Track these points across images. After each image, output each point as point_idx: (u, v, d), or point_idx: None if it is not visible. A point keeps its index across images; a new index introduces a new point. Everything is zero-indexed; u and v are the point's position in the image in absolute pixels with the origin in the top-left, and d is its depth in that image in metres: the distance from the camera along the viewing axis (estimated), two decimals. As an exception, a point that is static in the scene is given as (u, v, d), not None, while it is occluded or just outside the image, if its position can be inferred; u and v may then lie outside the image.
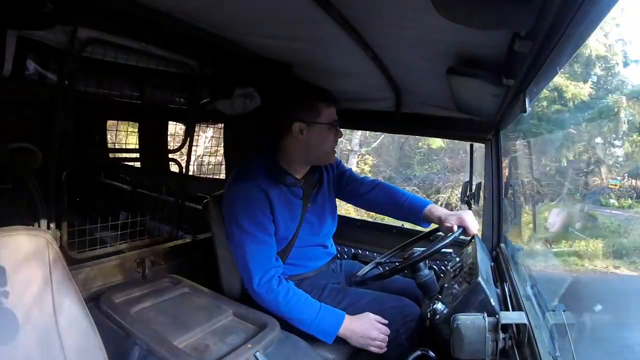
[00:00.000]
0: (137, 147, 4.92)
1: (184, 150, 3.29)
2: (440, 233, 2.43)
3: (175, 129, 4.59)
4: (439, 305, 1.84)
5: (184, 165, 3.33)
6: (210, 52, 2.69)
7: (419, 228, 2.59)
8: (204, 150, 5.34)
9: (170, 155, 3.45)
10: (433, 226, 2.45)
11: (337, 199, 2.66)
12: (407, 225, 2.82)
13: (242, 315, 2.02)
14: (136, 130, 5.00)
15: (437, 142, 16.61)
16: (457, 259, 2.26)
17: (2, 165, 2.91)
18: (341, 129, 2.31)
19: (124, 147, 4.90)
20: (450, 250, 2.24)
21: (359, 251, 3.10)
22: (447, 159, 17.71)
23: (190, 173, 3.65)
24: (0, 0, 1.77)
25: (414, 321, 2.09)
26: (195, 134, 3.30)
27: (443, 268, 2.29)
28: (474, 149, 2.84)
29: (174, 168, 4.21)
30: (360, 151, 18.42)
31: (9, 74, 2.17)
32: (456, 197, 16.33)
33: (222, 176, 4.29)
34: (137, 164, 5.27)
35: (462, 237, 2.22)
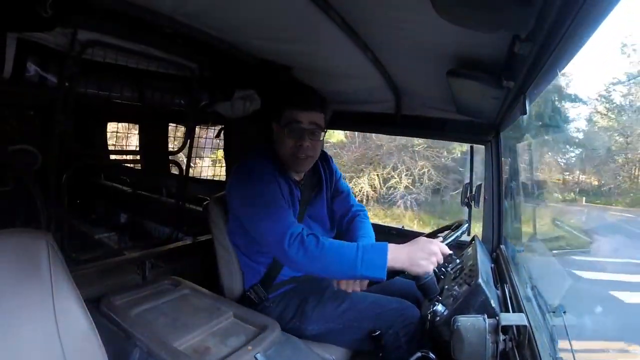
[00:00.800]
0: (138, 149, 4.93)
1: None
2: (439, 235, 2.43)
3: (176, 131, 4.60)
4: (439, 307, 1.83)
5: (184, 167, 3.34)
6: (210, 54, 2.69)
7: (418, 229, 2.58)
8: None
9: (170, 157, 3.46)
10: (432, 228, 2.46)
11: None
12: (407, 227, 2.82)
13: (242, 317, 2.02)
14: (136, 132, 5.01)
15: (336, 137, 16.67)
16: (458, 260, 2.26)
17: (2, 167, 2.92)
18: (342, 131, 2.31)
19: (124, 149, 4.91)
20: (450, 251, 2.24)
21: None
22: (344, 152, 17.91)
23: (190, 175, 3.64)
24: (0, 2, 1.78)
25: (413, 324, 2.08)
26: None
27: (443, 270, 2.29)
28: (473, 151, 2.84)
29: (174, 170, 4.21)
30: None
31: (9, 76, 2.17)
32: (359, 187, 16.66)
33: (223, 178, 4.29)
34: (138, 166, 5.27)
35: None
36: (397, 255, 1.85)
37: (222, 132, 3.99)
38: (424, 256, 1.83)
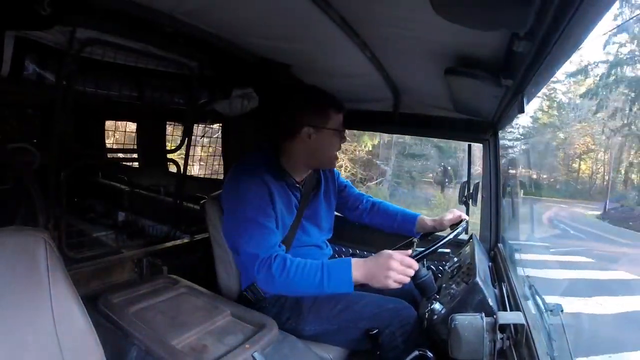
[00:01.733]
0: (136, 147, 4.92)
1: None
2: (438, 234, 2.45)
3: (173, 129, 4.59)
4: (437, 306, 1.84)
5: (182, 165, 3.34)
6: (208, 53, 2.69)
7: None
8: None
9: (168, 156, 3.45)
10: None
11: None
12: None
13: (239, 316, 2.01)
14: (134, 130, 5.00)
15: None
16: (455, 259, 2.27)
17: (1, 166, 2.91)
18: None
19: (122, 147, 4.90)
20: (448, 250, 2.24)
21: (357, 251, 3.09)
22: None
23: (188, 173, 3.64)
24: None
25: (410, 325, 2.08)
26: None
27: (441, 268, 2.29)
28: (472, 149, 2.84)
29: (172, 168, 4.21)
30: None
31: (7, 75, 2.16)
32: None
33: (221, 177, 4.29)
34: (136, 164, 5.27)
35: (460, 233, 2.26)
36: (359, 270, 1.89)
37: (220, 132, 4.01)
38: (381, 273, 1.84)
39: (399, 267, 1.83)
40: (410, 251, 1.94)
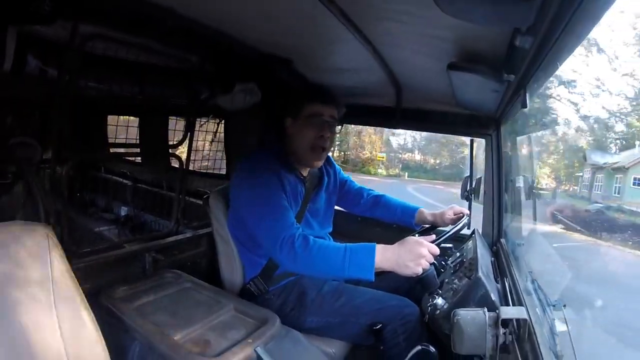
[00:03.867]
0: (138, 142, 4.92)
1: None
2: (441, 228, 2.46)
3: (176, 124, 4.59)
4: (439, 300, 1.83)
5: (184, 160, 3.34)
6: (210, 47, 2.67)
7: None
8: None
9: (170, 151, 3.45)
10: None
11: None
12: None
13: (242, 311, 2.01)
14: (137, 125, 5.00)
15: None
16: (458, 254, 2.27)
17: (2, 160, 2.91)
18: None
19: (124, 142, 4.91)
20: (450, 245, 2.24)
21: None
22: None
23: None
24: None
25: (412, 322, 2.09)
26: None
27: (443, 263, 2.29)
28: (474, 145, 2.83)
29: (174, 163, 4.21)
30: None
31: (9, 70, 2.16)
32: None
33: (223, 171, 4.29)
34: (138, 159, 5.27)
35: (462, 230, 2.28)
36: (384, 256, 1.86)
37: (221, 127, 4.01)
38: (412, 258, 1.81)
39: (428, 253, 1.82)
40: (433, 237, 2.00)
